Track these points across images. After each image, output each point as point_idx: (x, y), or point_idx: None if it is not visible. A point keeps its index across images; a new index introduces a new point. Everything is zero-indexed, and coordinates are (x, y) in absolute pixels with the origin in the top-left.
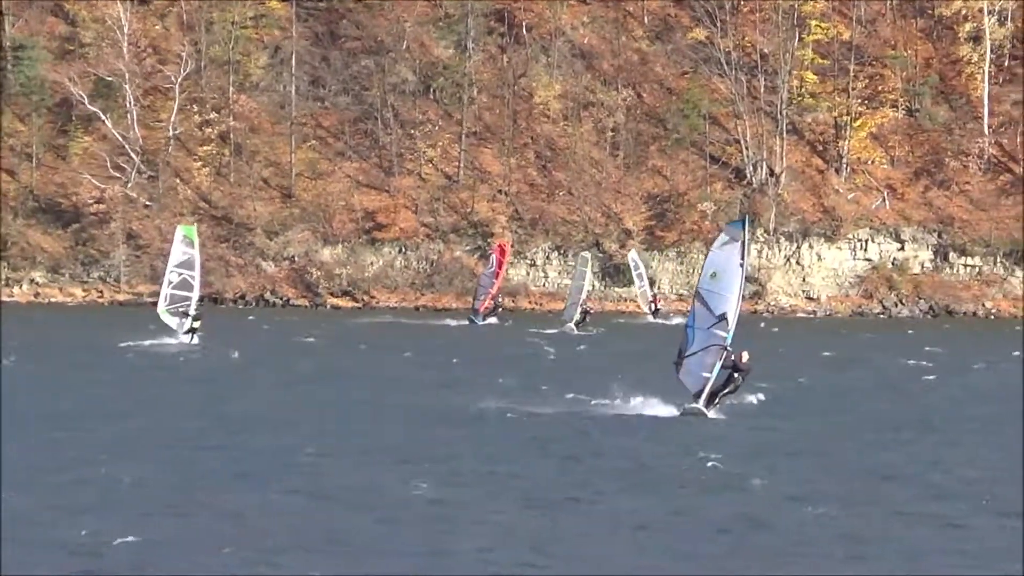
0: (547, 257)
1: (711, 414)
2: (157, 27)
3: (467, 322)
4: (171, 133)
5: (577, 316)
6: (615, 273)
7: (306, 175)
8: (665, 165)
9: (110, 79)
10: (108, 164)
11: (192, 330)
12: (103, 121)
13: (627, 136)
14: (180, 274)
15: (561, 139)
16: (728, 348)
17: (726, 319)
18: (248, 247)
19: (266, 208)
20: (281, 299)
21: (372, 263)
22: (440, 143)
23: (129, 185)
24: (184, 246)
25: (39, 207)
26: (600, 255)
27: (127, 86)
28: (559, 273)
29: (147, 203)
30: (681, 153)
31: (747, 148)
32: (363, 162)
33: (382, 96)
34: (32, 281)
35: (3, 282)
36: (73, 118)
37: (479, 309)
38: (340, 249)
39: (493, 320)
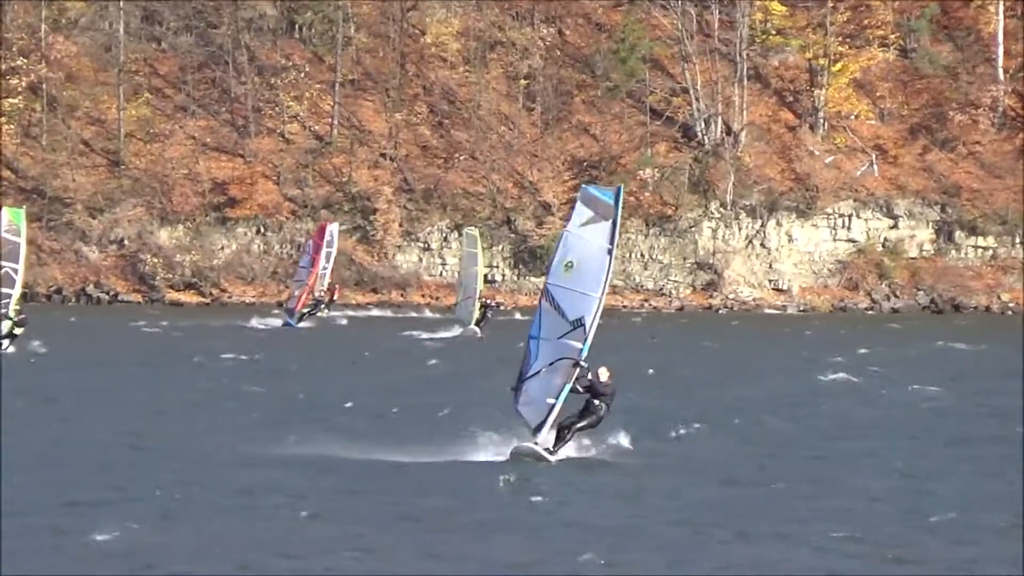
0: (444, 239)
1: (556, 456)
2: None
3: (281, 324)
4: None
5: (476, 313)
6: (530, 259)
7: (138, 136)
8: (594, 121)
9: None
10: None
11: (12, 335)
12: None
13: (545, 85)
14: (1, 268)
15: (461, 89)
16: (582, 364)
17: (583, 325)
18: (66, 228)
19: (88, 179)
20: (108, 293)
21: (223, 248)
22: (308, 94)
23: None
24: (8, 234)
25: None
26: (511, 235)
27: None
28: (459, 259)
29: None
30: (614, 106)
31: (697, 99)
32: (211, 119)
33: (234, 35)
34: None
35: None
36: None
37: (294, 308)
38: (182, 230)
39: (309, 324)
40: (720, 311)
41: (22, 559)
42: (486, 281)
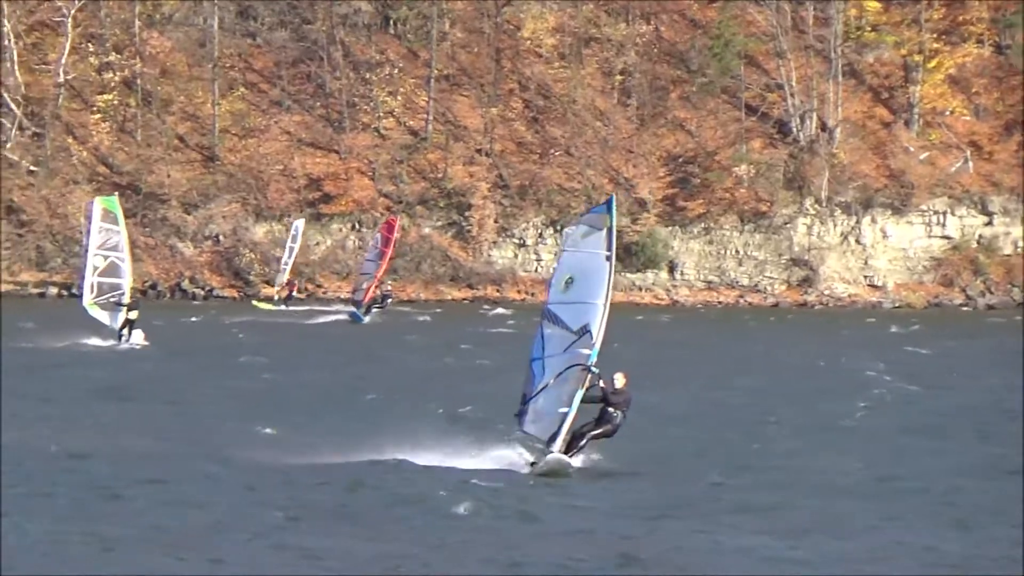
0: (539, 235)
1: (575, 463)
2: None
3: (350, 317)
4: (61, 78)
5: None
6: (625, 255)
7: (233, 132)
8: (689, 117)
9: None
10: None
11: (128, 323)
12: None
13: (641, 81)
14: (106, 257)
15: (557, 84)
16: (593, 370)
17: (589, 332)
18: (160, 224)
19: (183, 174)
20: (203, 288)
21: (318, 243)
22: (403, 90)
23: (8, 145)
24: (106, 223)
25: None
26: None
27: (4, 19)
28: (555, 255)
29: (31, 168)
30: (709, 102)
31: (792, 95)
32: (305, 115)
33: (329, 31)
34: None
35: None
36: None
37: (361, 301)
38: (277, 226)
39: (372, 316)
40: (815, 307)
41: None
42: None
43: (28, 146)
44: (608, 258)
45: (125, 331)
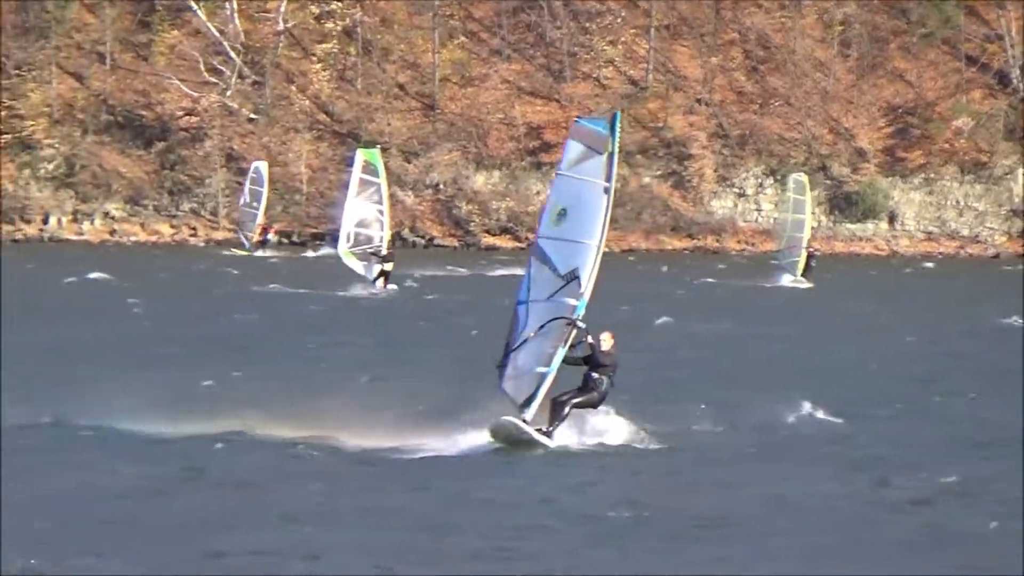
0: (759, 184)
1: (551, 439)
2: None
3: None
4: (281, 27)
5: (802, 263)
6: (846, 205)
7: (453, 80)
8: (909, 68)
9: None
10: (201, 66)
11: (384, 274)
12: (195, 12)
13: (861, 31)
14: (364, 208)
15: (777, 34)
16: (580, 325)
17: (578, 279)
18: None
19: (403, 123)
20: (423, 237)
21: (538, 192)
22: (623, 39)
23: (228, 93)
24: (365, 174)
25: (115, 121)
26: (826, 181)
27: None
28: (774, 205)
29: (251, 116)
30: (929, 52)
31: (1012, 45)
32: (525, 63)
33: None
34: (107, 215)
35: (70, 215)
36: (157, 8)
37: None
38: (497, 175)
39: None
40: None
41: None
42: None
43: (248, 94)
44: (607, 190)
45: (379, 281)
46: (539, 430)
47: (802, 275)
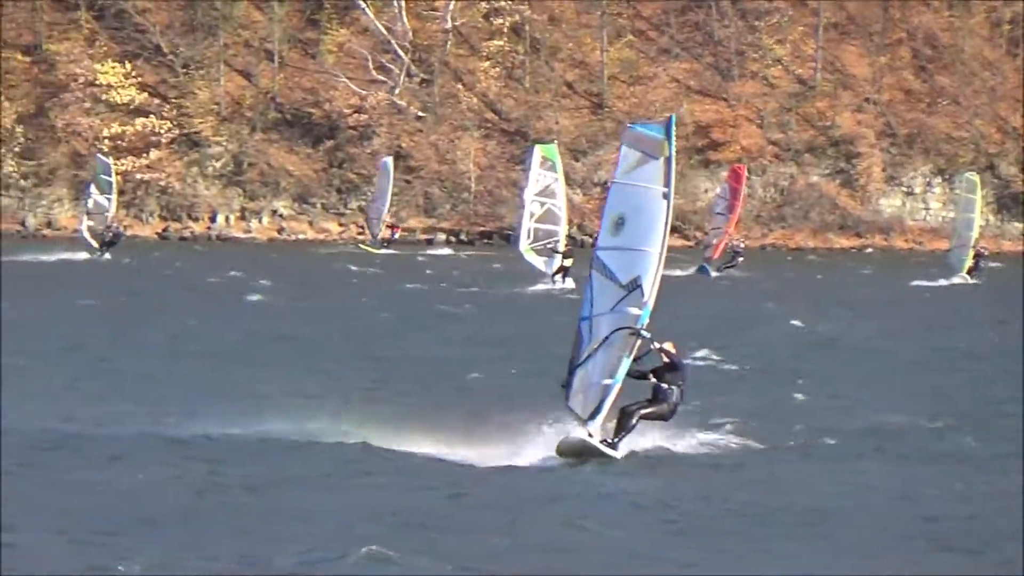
0: (927, 183)
1: (617, 450)
2: None
3: (697, 271)
4: (448, 25)
5: (970, 261)
6: (1013, 204)
7: (621, 79)
8: None
9: None
10: (370, 64)
11: (563, 268)
12: (363, 10)
13: None
14: (543, 204)
15: (945, 33)
16: (644, 334)
17: (640, 287)
18: None
19: (571, 120)
20: (591, 236)
21: (706, 191)
22: (791, 38)
23: (396, 91)
24: (544, 170)
25: (282, 119)
26: (994, 180)
27: None
28: (943, 204)
29: (419, 114)
30: None
31: None
32: (694, 62)
33: None
34: (275, 213)
35: (238, 213)
36: (325, 6)
37: (710, 257)
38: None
39: (729, 270)
40: None
41: None
42: None
43: (416, 92)
44: (665, 195)
45: (558, 277)
46: (604, 441)
47: (968, 273)
